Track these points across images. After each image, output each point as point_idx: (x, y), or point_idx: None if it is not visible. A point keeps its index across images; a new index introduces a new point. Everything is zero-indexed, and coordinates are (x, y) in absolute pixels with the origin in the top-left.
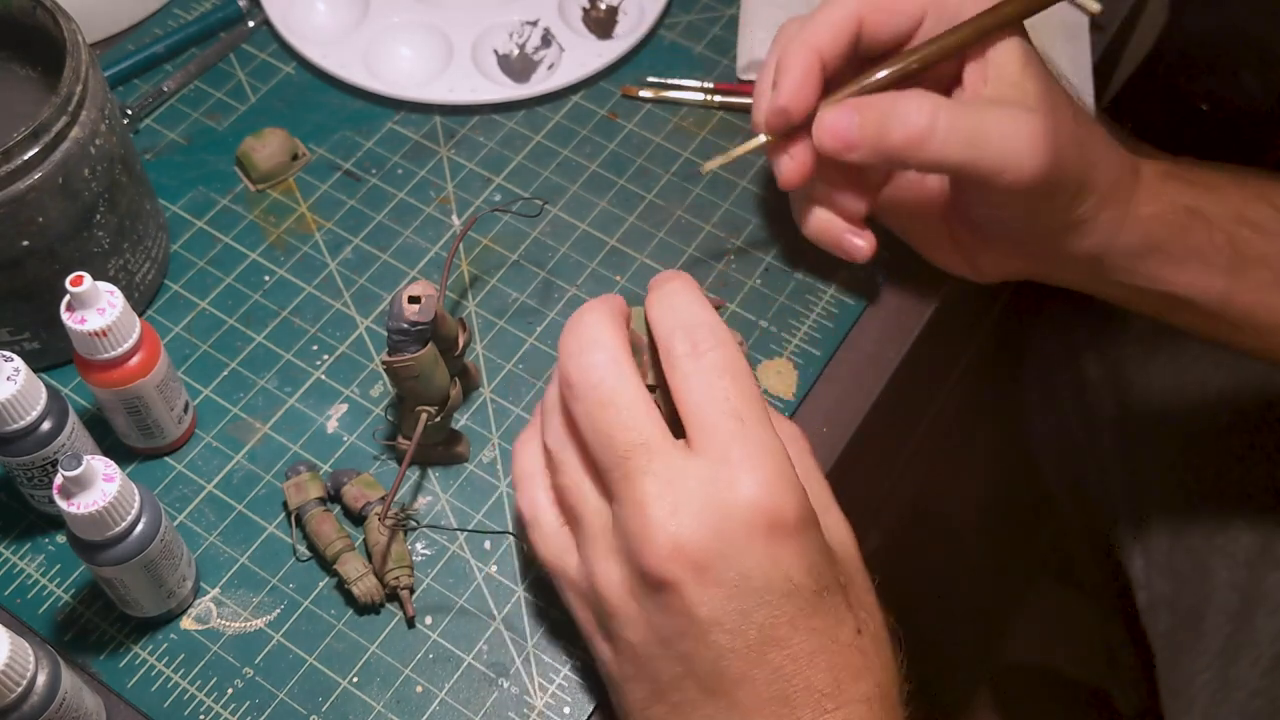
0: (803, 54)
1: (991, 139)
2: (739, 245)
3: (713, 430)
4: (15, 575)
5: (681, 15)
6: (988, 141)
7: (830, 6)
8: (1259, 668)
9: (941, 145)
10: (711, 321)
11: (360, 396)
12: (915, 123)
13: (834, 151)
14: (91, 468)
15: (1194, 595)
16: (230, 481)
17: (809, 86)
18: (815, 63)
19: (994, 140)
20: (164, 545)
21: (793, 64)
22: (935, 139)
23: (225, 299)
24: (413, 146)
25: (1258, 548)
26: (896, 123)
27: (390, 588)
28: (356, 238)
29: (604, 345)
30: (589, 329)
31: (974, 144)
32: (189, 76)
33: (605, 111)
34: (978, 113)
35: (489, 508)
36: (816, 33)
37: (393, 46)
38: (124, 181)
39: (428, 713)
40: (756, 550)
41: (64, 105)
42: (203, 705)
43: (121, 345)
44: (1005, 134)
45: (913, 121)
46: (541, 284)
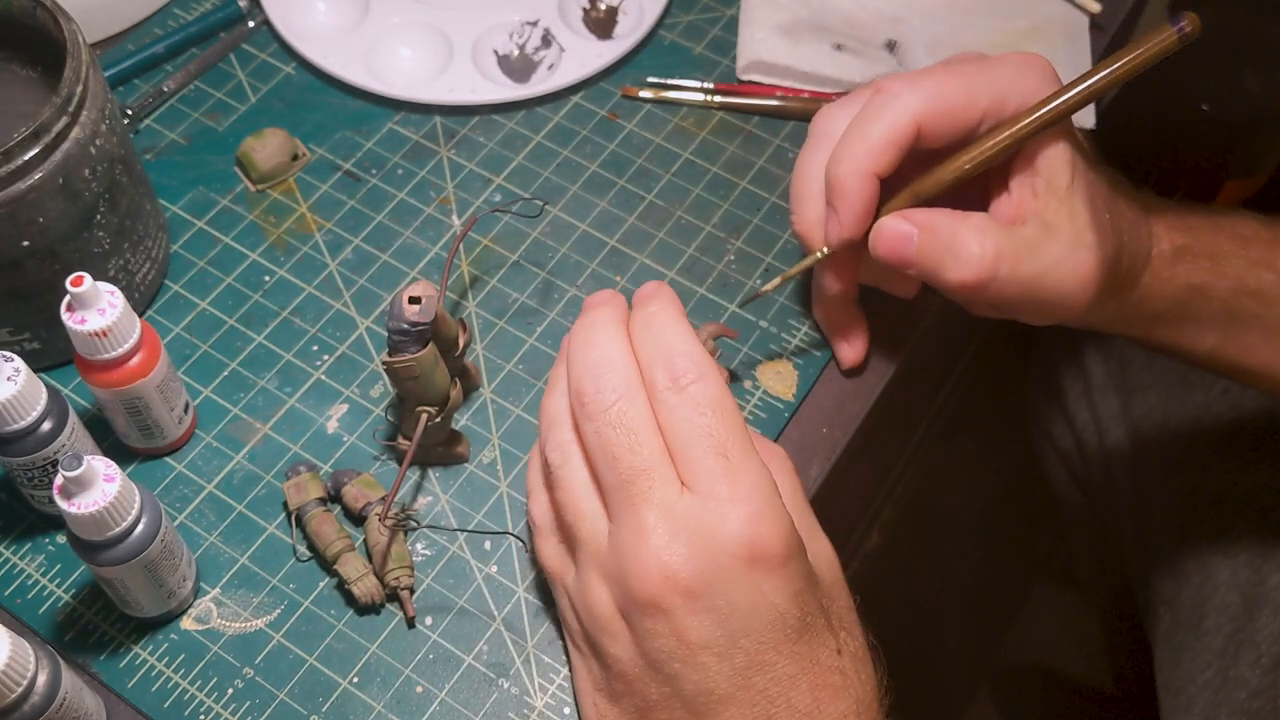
0: (859, 177)
1: (1048, 285)
2: (739, 245)
3: (699, 466)
4: (15, 575)
5: (681, 15)
6: (1044, 287)
7: (883, 117)
8: (1259, 667)
9: (999, 291)
10: (691, 350)
11: (360, 397)
12: (976, 269)
13: (892, 263)
14: (92, 468)
15: (1195, 595)
16: (230, 482)
17: (868, 210)
18: (873, 185)
19: (1050, 286)
20: (164, 545)
21: (849, 187)
22: (994, 286)
23: (225, 299)
24: (413, 147)
25: (1260, 548)
26: (955, 263)
27: (390, 588)
28: (356, 238)
29: (618, 367)
30: (602, 346)
31: (1030, 289)
32: (189, 76)
33: (605, 112)
34: (1037, 256)
35: (489, 508)
36: (872, 153)
37: (393, 46)
38: (124, 182)
39: (428, 713)
40: (744, 581)
41: (64, 105)
42: (203, 705)
43: (122, 345)
44: (1063, 278)
45: (973, 267)
46: (541, 284)
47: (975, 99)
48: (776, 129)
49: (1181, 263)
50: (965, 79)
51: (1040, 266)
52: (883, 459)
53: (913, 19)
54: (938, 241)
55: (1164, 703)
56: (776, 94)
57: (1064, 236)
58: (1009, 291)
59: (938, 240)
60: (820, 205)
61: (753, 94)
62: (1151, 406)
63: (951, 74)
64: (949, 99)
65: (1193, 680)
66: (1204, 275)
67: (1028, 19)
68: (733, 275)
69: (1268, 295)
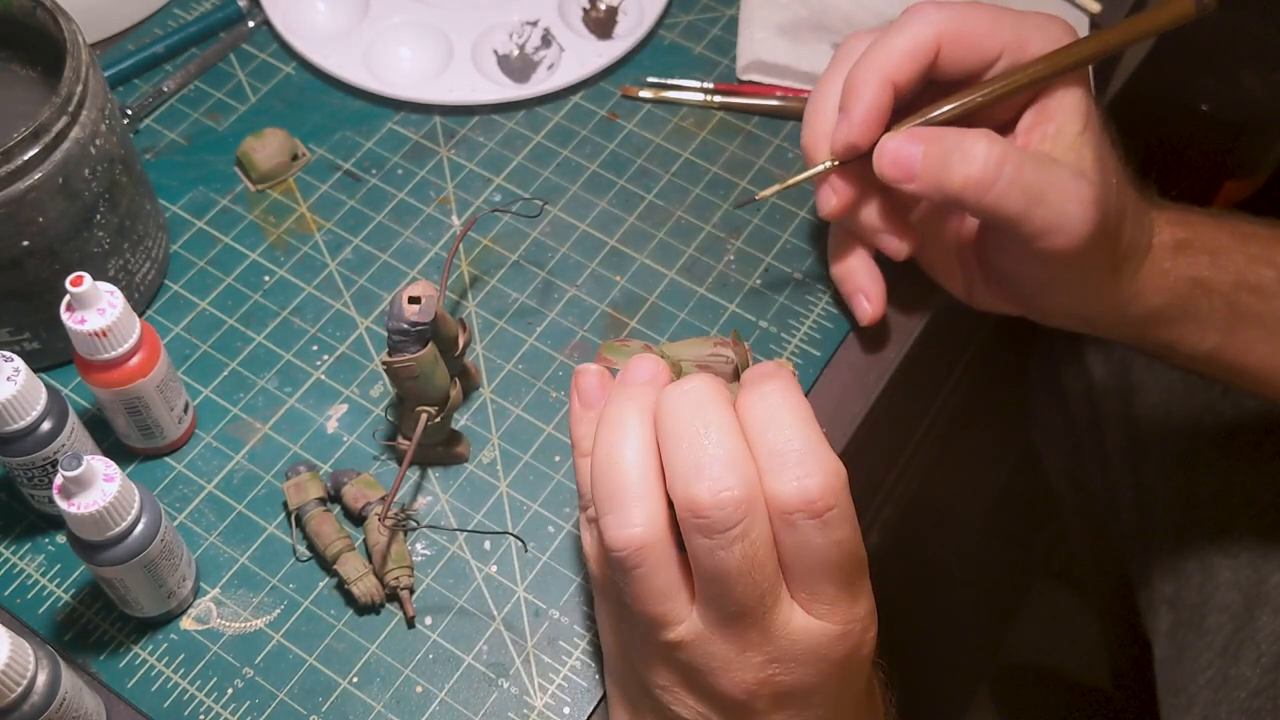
0: (876, 81)
1: (1051, 198)
2: (739, 245)
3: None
4: (15, 575)
5: (681, 15)
6: (1046, 200)
7: (907, 29)
8: (1260, 666)
9: (1002, 193)
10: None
11: (360, 396)
12: (981, 165)
13: (893, 180)
14: (91, 468)
15: (1196, 594)
16: (230, 481)
17: (881, 116)
18: (889, 91)
19: (1053, 200)
20: (164, 545)
21: (865, 91)
22: (997, 186)
23: (225, 299)
24: (413, 146)
25: (1261, 547)
26: (961, 161)
27: (390, 588)
28: (356, 238)
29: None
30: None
31: (1033, 199)
32: (189, 76)
33: (605, 112)
34: (1041, 170)
35: (489, 508)
36: (892, 59)
37: (393, 46)
38: (124, 181)
39: (428, 713)
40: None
41: (64, 105)
42: (203, 705)
43: (121, 345)
44: (1065, 196)
45: (979, 164)
46: (542, 284)
47: (998, 30)
48: (776, 129)
49: (1182, 255)
50: (992, 11)
51: (1044, 178)
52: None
53: None
54: (943, 146)
55: (1164, 702)
56: (776, 94)
57: (1068, 166)
58: (1011, 198)
59: (943, 145)
60: (831, 119)
61: (753, 94)
62: (1152, 406)
63: (980, 5)
64: (974, 23)
65: (1193, 679)
66: (1205, 269)
67: None
68: (733, 275)
69: (1268, 291)
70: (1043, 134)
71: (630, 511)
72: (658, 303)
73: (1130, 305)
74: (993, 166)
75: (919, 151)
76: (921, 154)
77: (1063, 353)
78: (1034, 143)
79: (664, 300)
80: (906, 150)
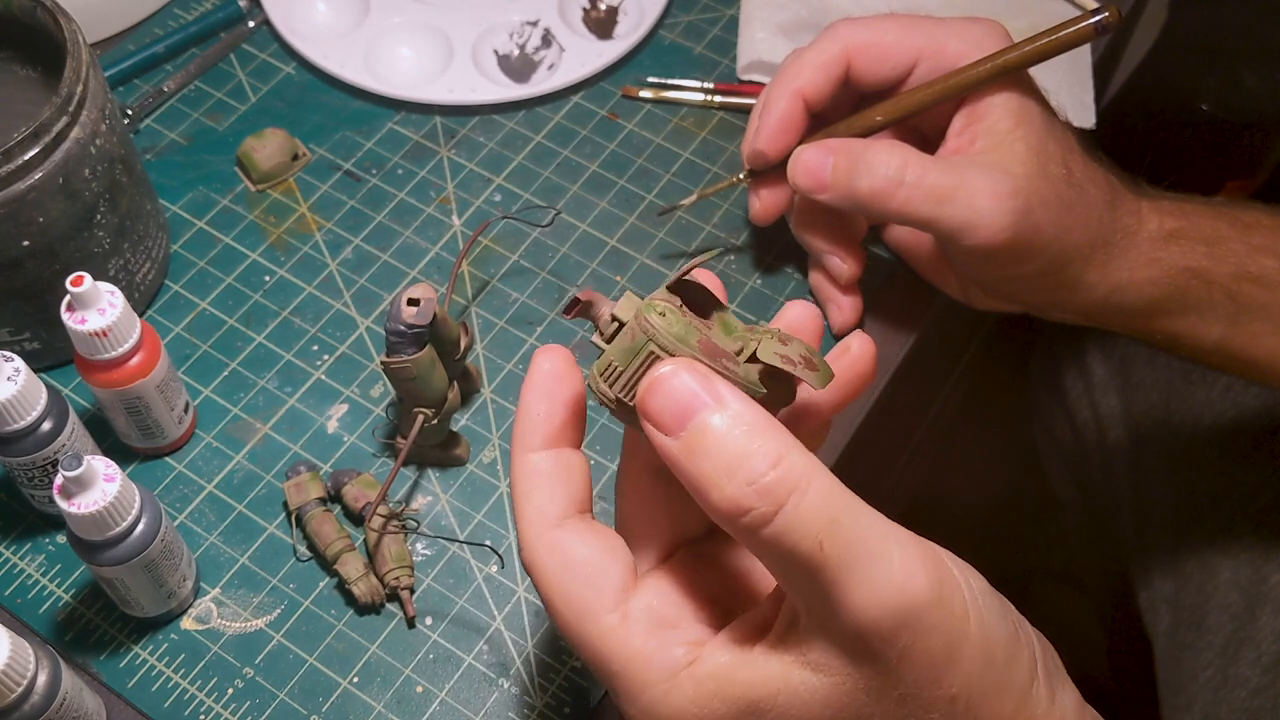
0: (785, 96)
1: (958, 199)
2: (739, 245)
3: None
4: (15, 575)
5: (681, 15)
6: (953, 201)
7: (818, 44)
8: (1260, 666)
9: (905, 200)
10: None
11: (360, 397)
12: (883, 174)
13: (806, 190)
14: (91, 468)
15: (1196, 593)
16: (230, 481)
17: (789, 129)
18: (797, 105)
19: (960, 201)
20: (164, 545)
21: (774, 106)
22: (900, 193)
23: (225, 299)
24: (413, 146)
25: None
26: (865, 171)
27: (390, 588)
28: (357, 238)
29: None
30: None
31: (939, 202)
32: (189, 76)
33: (605, 112)
34: (948, 171)
35: (489, 508)
36: (801, 74)
37: (393, 46)
38: (124, 181)
39: (428, 713)
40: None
41: (64, 105)
42: (203, 705)
43: (122, 345)
44: (972, 194)
45: (880, 173)
46: (542, 284)
47: (909, 38)
48: None
49: (1175, 245)
50: (903, 22)
51: (949, 179)
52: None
53: None
54: (850, 157)
55: (1164, 701)
56: None
57: (986, 163)
58: (917, 203)
59: (850, 156)
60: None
61: (753, 94)
62: (1153, 405)
63: (894, 17)
64: (883, 34)
65: (1193, 679)
66: (1201, 259)
67: (1027, 19)
68: (733, 275)
69: (1272, 281)
70: (972, 135)
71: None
72: None
73: (1121, 296)
74: (894, 173)
75: (828, 162)
76: (831, 165)
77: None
78: (964, 145)
79: None
80: (816, 160)
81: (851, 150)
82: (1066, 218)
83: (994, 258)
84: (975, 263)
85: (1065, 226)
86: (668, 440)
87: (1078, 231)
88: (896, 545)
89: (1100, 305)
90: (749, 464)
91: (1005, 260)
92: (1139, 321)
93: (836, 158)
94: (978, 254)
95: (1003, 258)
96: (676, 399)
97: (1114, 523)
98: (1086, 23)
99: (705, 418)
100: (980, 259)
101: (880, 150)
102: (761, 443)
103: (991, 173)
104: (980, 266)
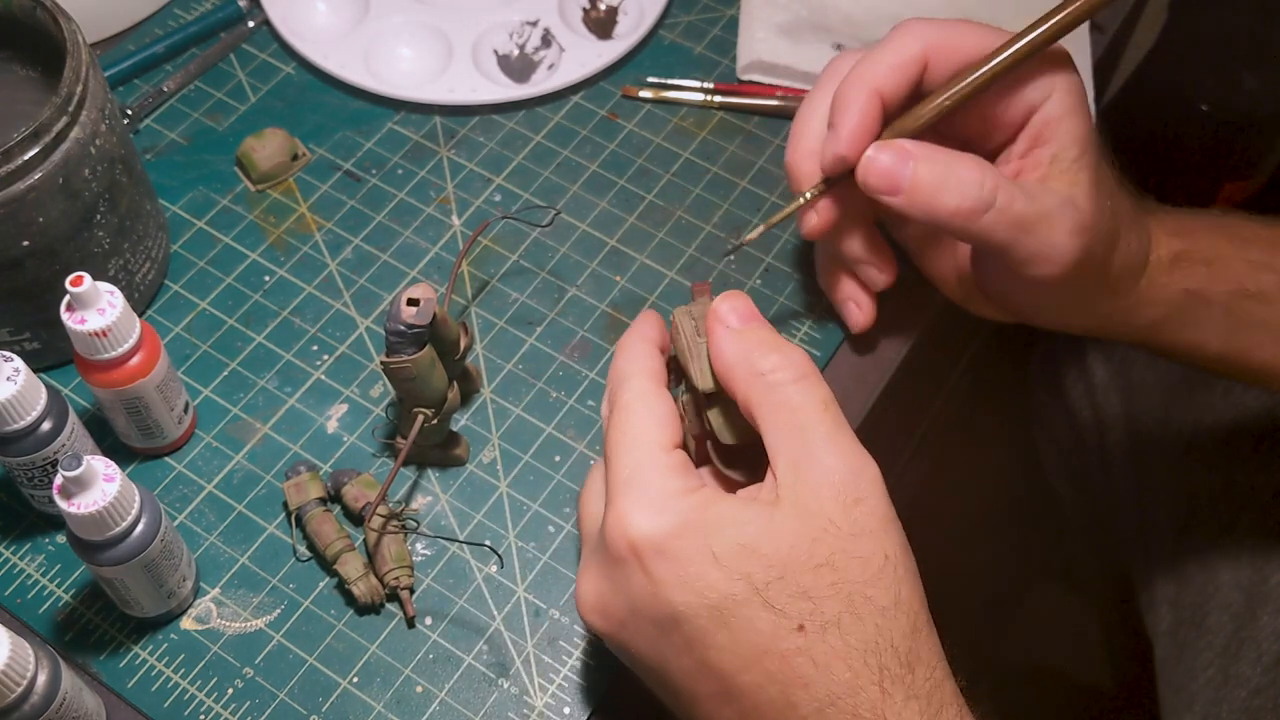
0: (864, 94)
1: (1039, 231)
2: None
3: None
4: (15, 575)
5: (681, 15)
6: (1034, 231)
7: (894, 43)
8: (1261, 665)
9: (990, 225)
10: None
11: (360, 396)
12: (974, 194)
13: (878, 193)
14: (91, 468)
15: (1197, 593)
16: (230, 481)
17: (870, 129)
18: (876, 104)
19: (1040, 233)
20: (164, 545)
21: (853, 104)
22: (987, 217)
23: (225, 299)
24: (413, 146)
25: (1261, 547)
26: (953, 188)
27: (390, 588)
28: (356, 238)
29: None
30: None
31: (1020, 229)
32: (189, 76)
33: (605, 112)
34: (1031, 200)
35: (489, 508)
36: (879, 72)
37: (393, 46)
38: (124, 181)
39: (428, 713)
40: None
41: (64, 105)
42: (203, 705)
43: (121, 345)
44: (1053, 227)
45: (971, 193)
46: (542, 284)
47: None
48: (776, 129)
49: (1178, 269)
50: (980, 28)
51: (1034, 211)
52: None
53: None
54: (934, 167)
55: (1165, 701)
56: (776, 94)
57: (1059, 195)
58: (999, 229)
59: (934, 165)
60: (817, 136)
61: (753, 94)
62: (1153, 405)
63: (968, 22)
64: (961, 37)
65: (1194, 678)
66: (1200, 280)
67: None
68: (733, 275)
69: (1269, 296)
70: (1037, 159)
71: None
72: (658, 303)
73: (1126, 317)
74: (986, 196)
75: (909, 169)
76: (912, 173)
77: (1064, 352)
78: (1028, 167)
79: (664, 300)
80: (897, 165)
81: (936, 161)
82: (1109, 251)
83: (1045, 285)
84: (1020, 284)
85: (1106, 260)
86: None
87: (1112, 264)
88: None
89: (1101, 324)
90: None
91: (1052, 288)
92: (1137, 335)
93: (918, 165)
94: (1033, 280)
95: (1053, 285)
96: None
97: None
98: None
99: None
100: (1030, 283)
101: (970, 167)
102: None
103: (1065, 206)
104: (1022, 288)
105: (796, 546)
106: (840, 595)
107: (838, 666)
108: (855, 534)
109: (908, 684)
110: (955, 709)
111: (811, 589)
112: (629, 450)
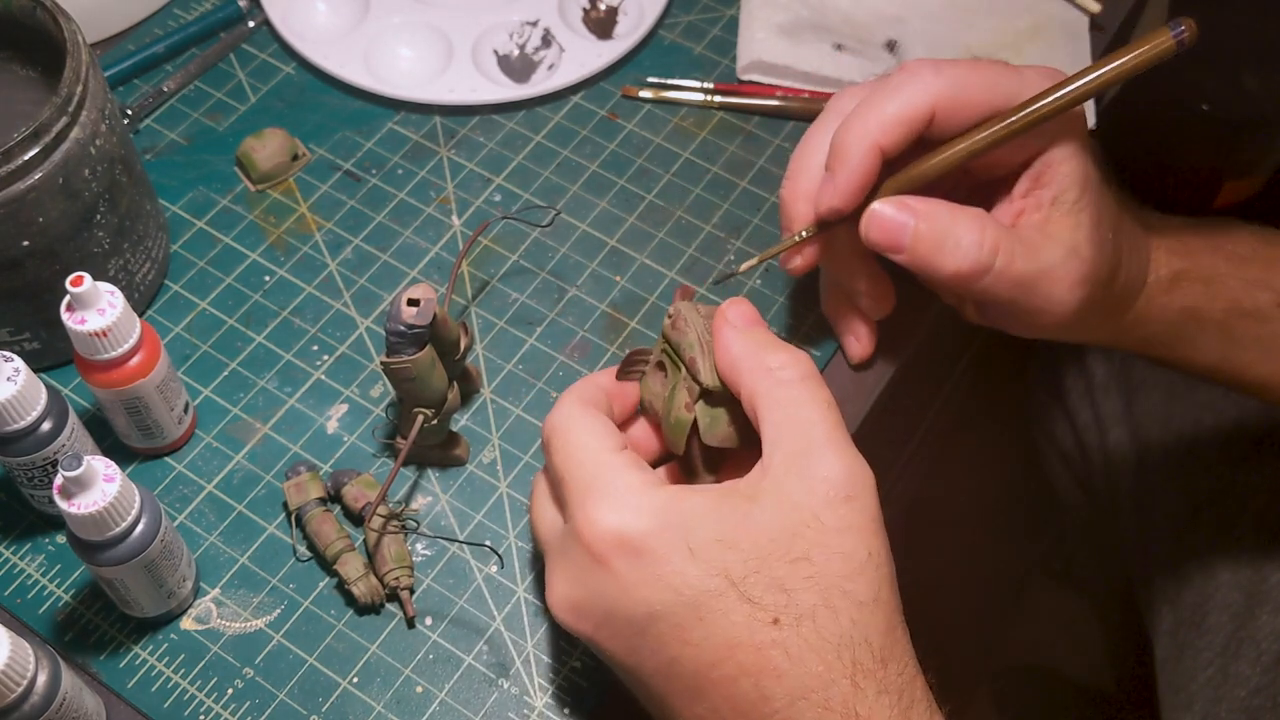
0: (864, 147)
1: (1039, 289)
2: (739, 245)
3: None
4: (15, 575)
5: (681, 15)
6: (1034, 291)
7: (901, 93)
8: (1260, 665)
9: (989, 286)
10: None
11: (360, 397)
12: (973, 258)
13: (880, 249)
14: (91, 468)
15: (1197, 593)
16: (230, 482)
17: (866, 183)
18: (876, 157)
19: (1040, 290)
20: (164, 546)
21: (852, 156)
22: (986, 279)
23: (225, 299)
24: (413, 147)
25: (1262, 546)
26: (952, 249)
27: (390, 588)
28: (356, 238)
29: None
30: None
31: (1021, 289)
32: (189, 77)
33: (605, 112)
34: (1030, 258)
35: (489, 508)
36: (883, 126)
37: (393, 46)
38: (124, 182)
39: (428, 713)
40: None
41: (64, 105)
42: (203, 705)
43: (121, 346)
44: (1052, 284)
45: (970, 255)
46: (542, 284)
47: (995, 93)
48: (776, 129)
49: (1177, 289)
50: (990, 75)
51: (1035, 268)
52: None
53: (913, 19)
54: (935, 227)
55: (1165, 700)
56: (776, 94)
57: (1062, 244)
58: (1000, 288)
59: (935, 226)
60: (814, 178)
61: (753, 94)
62: (1154, 405)
63: (977, 67)
64: (970, 90)
65: (1194, 678)
66: (1197, 299)
67: (1028, 18)
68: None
69: (1264, 315)
70: (1039, 200)
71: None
72: (658, 303)
73: (1123, 333)
74: (985, 259)
75: (910, 227)
76: (913, 232)
77: (1063, 353)
78: (1030, 207)
79: (664, 300)
80: (898, 223)
81: (936, 220)
82: (1112, 289)
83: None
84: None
85: (1108, 294)
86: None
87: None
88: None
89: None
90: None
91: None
92: (1133, 348)
93: (918, 223)
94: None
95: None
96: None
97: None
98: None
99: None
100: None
101: (969, 227)
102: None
103: (1068, 259)
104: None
105: (776, 540)
106: (816, 589)
107: (811, 659)
108: (841, 529)
109: (880, 679)
110: (925, 705)
111: (787, 581)
112: (579, 459)
